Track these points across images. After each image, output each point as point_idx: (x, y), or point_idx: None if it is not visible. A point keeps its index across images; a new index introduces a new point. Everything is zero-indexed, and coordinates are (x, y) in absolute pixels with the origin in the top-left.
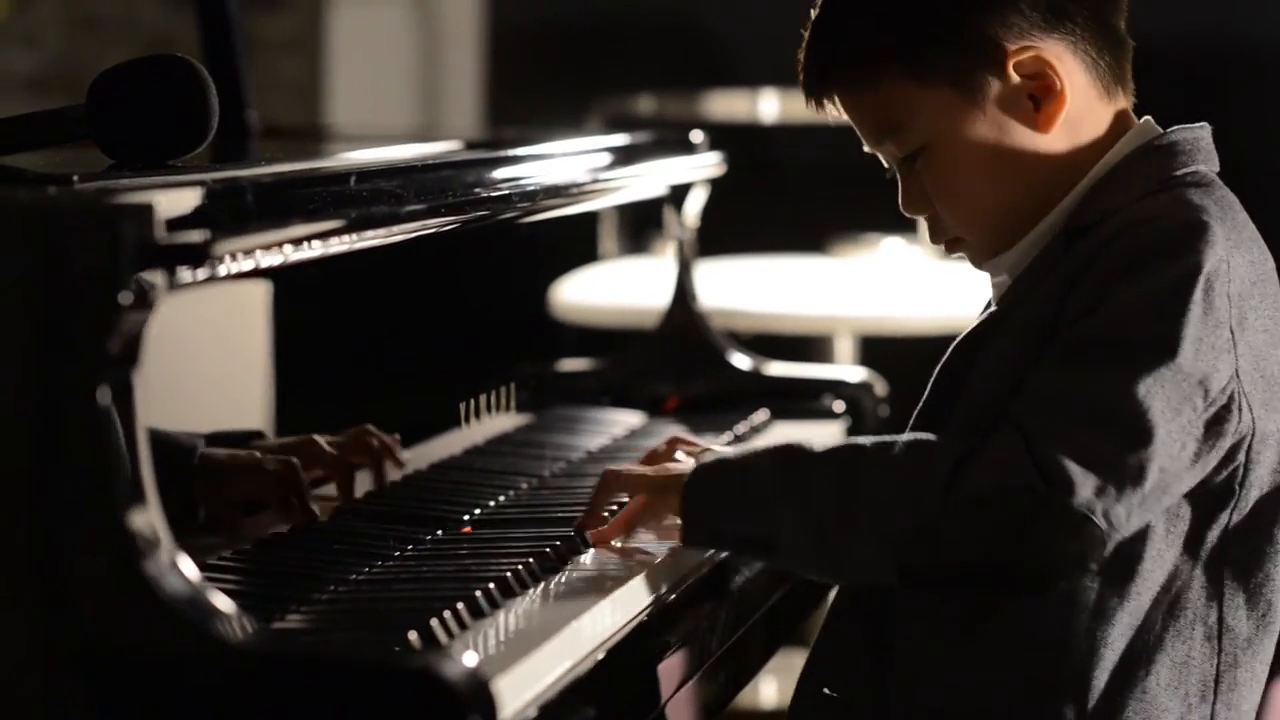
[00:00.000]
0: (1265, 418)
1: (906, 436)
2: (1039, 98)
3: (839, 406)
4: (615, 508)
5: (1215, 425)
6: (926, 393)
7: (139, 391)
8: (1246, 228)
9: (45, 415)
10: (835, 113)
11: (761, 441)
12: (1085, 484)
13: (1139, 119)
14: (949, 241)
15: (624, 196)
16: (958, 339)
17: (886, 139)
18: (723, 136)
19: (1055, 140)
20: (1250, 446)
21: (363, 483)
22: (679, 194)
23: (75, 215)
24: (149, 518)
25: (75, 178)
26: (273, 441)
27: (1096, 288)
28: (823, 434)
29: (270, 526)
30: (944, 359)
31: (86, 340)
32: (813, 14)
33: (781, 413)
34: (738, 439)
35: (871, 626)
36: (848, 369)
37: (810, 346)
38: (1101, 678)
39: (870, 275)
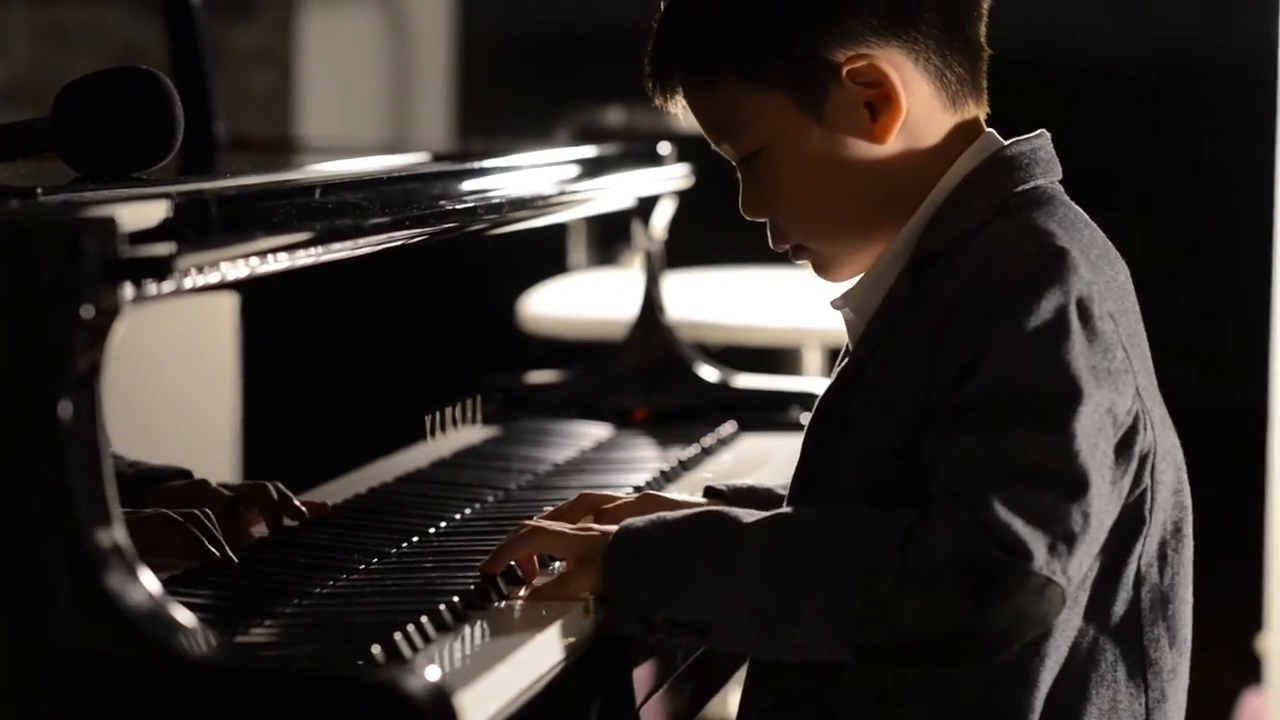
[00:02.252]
0: (1163, 434)
1: (840, 510)
2: (876, 107)
3: (806, 418)
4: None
5: (1123, 449)
6: (801, 453)
7: (102, 404)
8: (1095, 242)
9: (7, 428)
10: (678, 106)
11: (682, 495)
12: (1039, 546)
13: (989, 131)
14: (793, 248)
15: (592, 209)
16: (822, 395)
17: (725, 140)
18: (691, 148)
19: (893, 151)
20: (1154, 466)
21: (324, 496)
22: (647, 206)
23: (38, 228)
24: (112, 532)
25: (39, 190)
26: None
27: (970, 337)
28: (790, 446)
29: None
30: (812, 417)
31: (49, 353)
32: (659, 12)
33: (750, 425)
34: (705, 451)
35: (791, 697)
36: (816, 381)
37: (779, 358)
38: None
39: (838, 288)
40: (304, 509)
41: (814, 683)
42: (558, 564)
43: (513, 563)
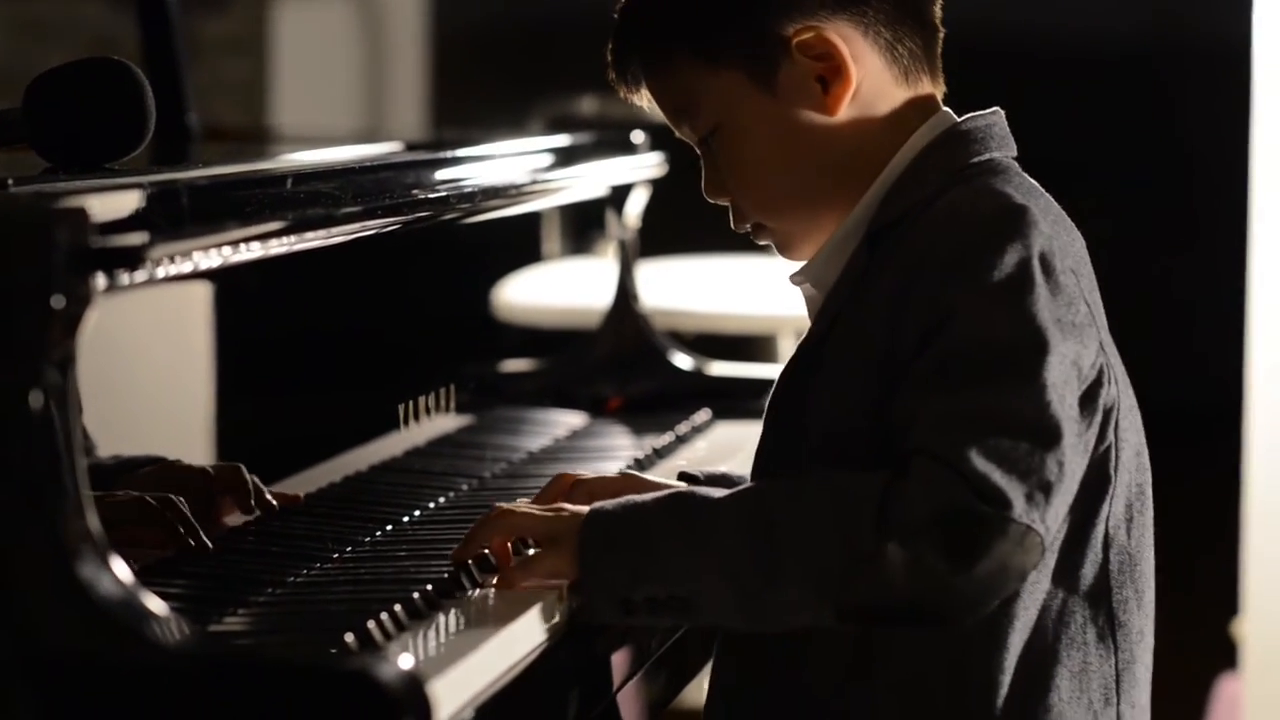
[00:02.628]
0: (1126, 394)
1: (812, 475)
2: (827, 80)
3: None
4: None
5: (1087, 401)
6: (763, 429)
7: (74, 395)
8: (1051, 209)
9: None
10: (642, 96)
11: (657, 475)
12: (1018, 495)
13: (945, 109)
14: (753, 227)
15: (565, 197)
16: (782, 370)
17: (683, 120)
18: (664, 137)
19: (848, 126)
20: (1117, 424)
21: (298, 484)
22: (620, 194)
23: (9, 219)
24: (83, 521)
25: (9, 181)
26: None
27: (933, 298)
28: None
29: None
30: (771, 394)
31: (20, 344)
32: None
33: (724, 413)
34: (679, 439)
35: (760, 670)
36: None
37: (753, 346)
38: (1003, 705)
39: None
40: (274, 501)
41: (782, 655)
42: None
43: (485, 550)
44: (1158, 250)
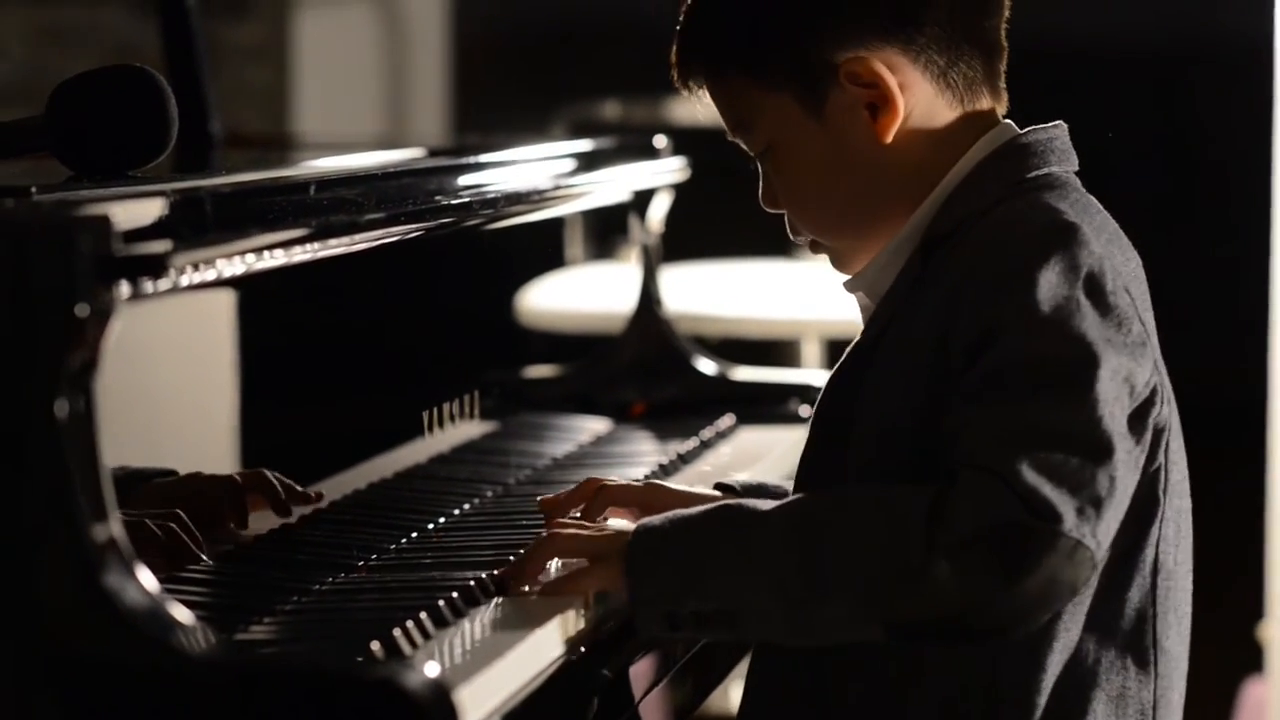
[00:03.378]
0: (1174, 415)
1: (859, 488)
2: (876, 107)
3: (805, 411)
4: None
5: (1137, 420)
6: (809, 433)
7: (99, 403)
8: (1106, 227)
9: (4, 428)
10: (703, 97)
11: (681, 480)
12: (1068, 509)
13: (1006, 121)
14: (810, 241)
15: (588, 202)
16: (831, 375)
17: (740, 134)
18: (687, 141)
19: (898, 148)
20: (1168, 445)
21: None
22: (643, 199)
23: (33, 227)
24: (109, 530)
25: (33, 189)
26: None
27: (982, 311)
28: (789, 439)
29: (231, 539)
30: (819, 401)
31: (45, 353)
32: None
33: (748, 418)
34: (704, 444)
35: (794, 687)
36: (814, 373)
37: (777, 351)
38: None
39: (836, 279)
40: (305, 493)
41: (818, 672)
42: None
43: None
44: (1179, 253)
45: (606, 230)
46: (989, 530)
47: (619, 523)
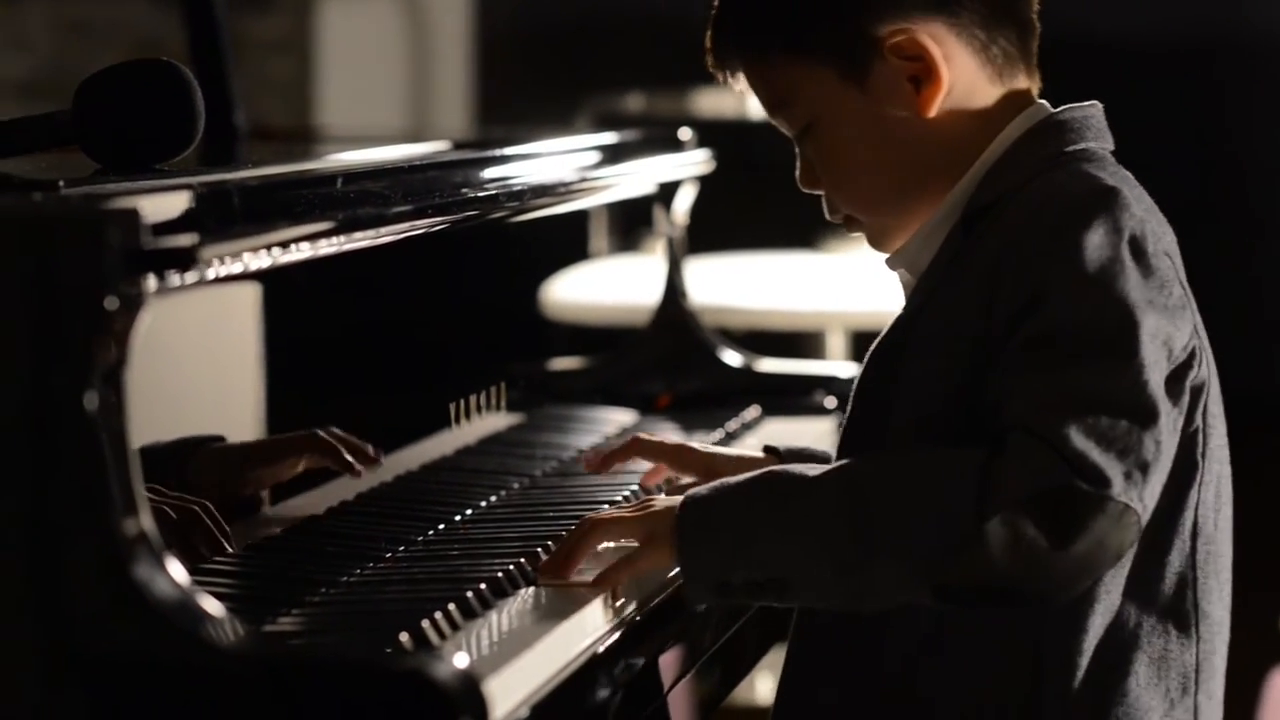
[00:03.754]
0: (1214, 379)
1: (909, 451)
2: (920, 80)
3: (831, 402)
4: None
5: (1174, 384)
6: (850, 409)
7: (127, 396)
8: (1145, 197)
9: (34, 421)
10: (740, 84)
11: (741, 450)
12: (1116, 473)
13: (1041, 100)
14: (846, 219)
15: (613, 195)
16: (873, 347)
17: (779, 114)
18: (711, 133)
19: (939, 123)
20: (1206, 408)
21: (349, 485)
22: (668, 191)
23: (61, 221)
24: (138, 522)
25: (61, 183)
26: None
27: (1025, 278)
28: (814, 430)
29: (260, 529)
30: (860, 374)
31: (74, 346)
32: None
33: (773, 409)
34: (729, 436)
35: (837, 655)
36: (839, 364)
37: (802, 342)
38: (1079, 688)
39: (861, 270)
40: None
41: (858, 634)
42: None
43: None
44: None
45: (631, 223)
46: (1039, 495)
47: (663, 500)
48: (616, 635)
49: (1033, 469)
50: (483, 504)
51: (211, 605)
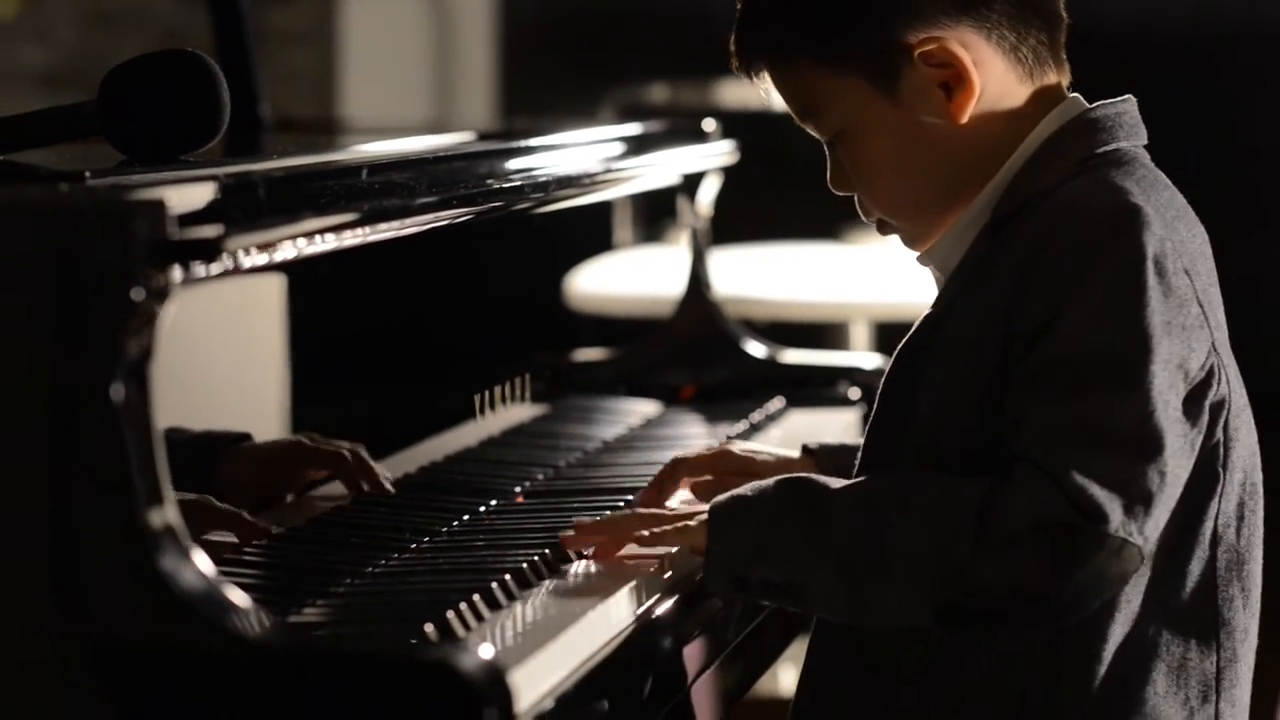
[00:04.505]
0: (1238, 391)
1: (922, 476)
2: (951, 86)
3: (855, 393)
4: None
5: (1192, 404)
6: (876, 405)
7: (153, 387)
8: (1173, 204)
9: (60, 412)
10: (766, 86)
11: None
12: (1115, 508)
13: (1074, 95)
14: (879, 222)
15: (637, 186)
16: (899, 347)
17: (808, 120)
18: (735, 124)
19: (971, 127)
20: (1227, 422)
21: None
22: (692, 182)
23: (87, 212)
24: (164, 514)
25: (87, 174)
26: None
27: (1045, 295)
28: (838, 421)
29: (285, 520)
30: (888, 371)
31: (100, 337)
32: None
33: (797, 400)
34: (753, 427)
35: (858, 655)
36: (863, 355)
37: (826, 333)
38: (1096, 695)
39: (885, 261)
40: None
41: (879, 639)
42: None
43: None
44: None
45: (655, 213)
46: (1037, 528)
47: (702, 507)
48: (641, 628)
49: (1032, 501)
50: (507, 495)
51: (237, 596)
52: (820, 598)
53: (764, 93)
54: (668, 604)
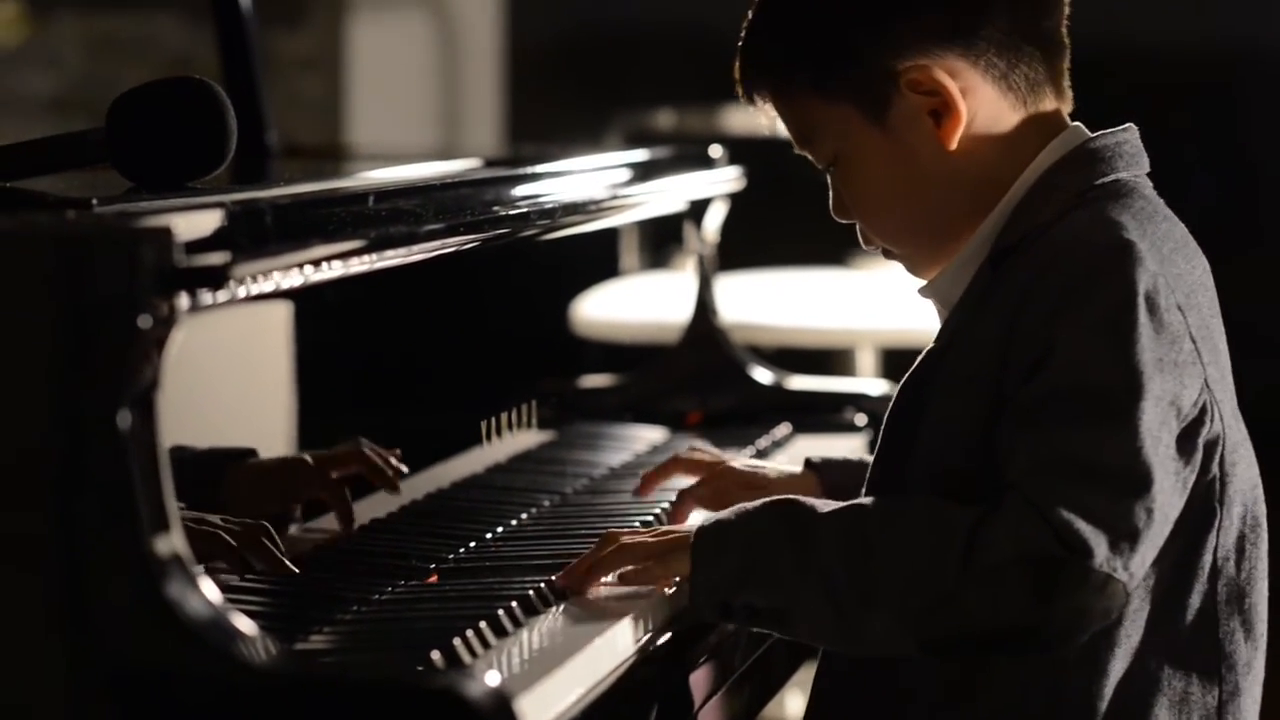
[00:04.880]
0: (1234, 426)
1: (911, 502)
2: (940, 114)
3: (861, 419)
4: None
5: (1186, 439)
6: (880, 439)
7: (160, 414)
8: (1172, 235)
9: (66, 439)
10: (769, 114)
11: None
12: (1100, 544)
13: (1075, 124)
14: (883, 250)
15: (644, 212)
16: (902, 382)
17: (807, 147)
18: (742, 150)
19: (964, 154)
20: (1223, 457)
21: (381, 503)
22: (699, 209)
23: (94, 239)
24: (171, 541)
25: (94, 201)
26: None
27: (1039, 330)
28: (844, 447)
29: (292, 548)
30: (892, 404)
31: (107, 364)
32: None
33: (804, 426)
34: (760, 454)
35: (859, 688)
36: (870, 382)
37: (832, 360)
38: None
39: (891, 287)
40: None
41: (883, 675)
42: None
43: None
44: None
45: (662, 240)
46: (1021, 560)
47: (686, 528)
48: (647, 654)
49: (1018, 534)
50: (513, 521)
51: (243, 623)
52: (806, 624)
53: (767, 119)
54: (674, 630)
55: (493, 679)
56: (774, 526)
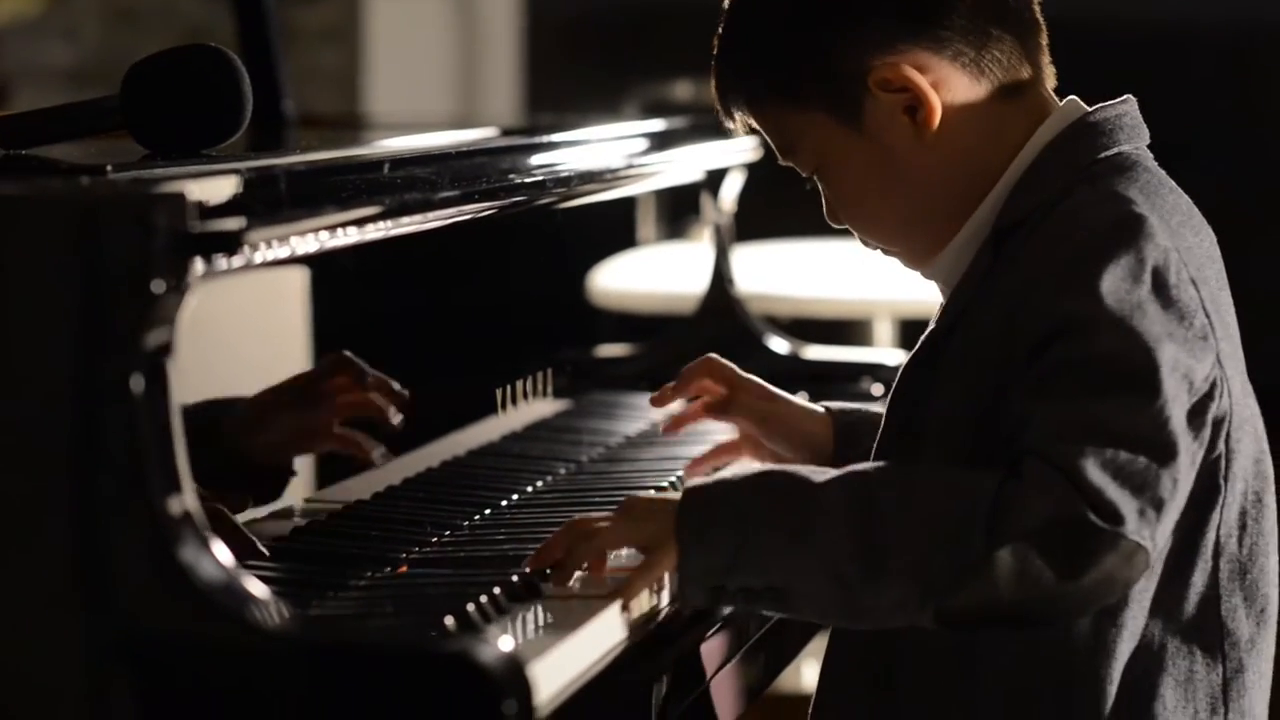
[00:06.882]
0: (1243, 403)
1: (921, 470)
2: (915, 110)
3: (877, 389)
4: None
5: (1196, 415)
6: (884, 420)
7: (173, 380)
8: (1179, 207)
9: (80, 405)
10: (750, 124)
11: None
12: (1130, 510)
13: (1071, 98)
14: (880, 248)
15: (660, 182)
16: (905, 363)
17: (787, 157)
18: None
19: (946, 147)
20: (1229, 434)
21: (397, 469)
22: (716, 179)
23: (108, 205)
24: (184, 505)
25: (109, 168)
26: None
27: (1050, 306)
28: None
29: (307, 513)
30: (895, 384)
31: (121, 329)
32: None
33: (820, 396)
34: None
35: (870, 671)
36: (886, 352)
37: (849, 330)
38: (1109, 714)
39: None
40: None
41: (889, 653)
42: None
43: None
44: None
45: (678, 210)
46: (1052, 526)
47: (647, 498)
48: (661, 621)
49: (1047, 498)
50: (529, 489)
51: (257, 588)
52: (806, 601)
53: (746, 134)
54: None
55: (506, 644)
56: (765, 499)
